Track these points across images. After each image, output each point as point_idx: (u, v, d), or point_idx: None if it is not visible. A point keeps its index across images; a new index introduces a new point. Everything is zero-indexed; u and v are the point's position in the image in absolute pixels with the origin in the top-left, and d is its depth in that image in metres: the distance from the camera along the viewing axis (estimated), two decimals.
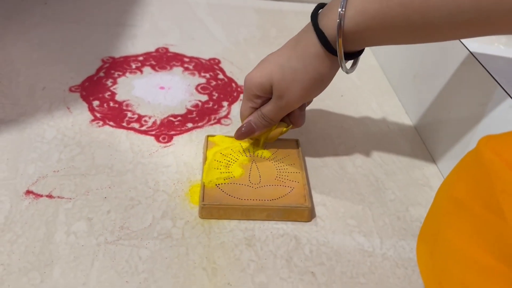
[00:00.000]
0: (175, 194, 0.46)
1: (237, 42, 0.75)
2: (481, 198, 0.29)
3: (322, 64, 0.43)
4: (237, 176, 0.47)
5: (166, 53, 0.68)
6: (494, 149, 0.29)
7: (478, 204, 0.29)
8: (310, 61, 0.43)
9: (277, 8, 0.87)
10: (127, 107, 0.57)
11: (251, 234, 0.43)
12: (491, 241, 0.28)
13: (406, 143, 0.57)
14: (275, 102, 0.46)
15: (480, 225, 0.29)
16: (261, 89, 0.46)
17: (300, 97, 0.45)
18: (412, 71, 0.62)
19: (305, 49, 0.43)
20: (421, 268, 0.35)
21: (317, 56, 0.42)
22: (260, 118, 0.47)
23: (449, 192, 0.33)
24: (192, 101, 0.60)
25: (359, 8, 0.39)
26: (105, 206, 0.44)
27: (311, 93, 0.45)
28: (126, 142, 0.52)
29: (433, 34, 0.40)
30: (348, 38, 0.40)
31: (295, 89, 0.44)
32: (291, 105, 0.46)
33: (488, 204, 0.29)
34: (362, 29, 0.40)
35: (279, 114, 0.47)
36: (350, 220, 0.46)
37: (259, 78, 0.45)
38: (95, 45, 0.69)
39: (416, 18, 0.38)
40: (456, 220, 0.31)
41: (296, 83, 0.44)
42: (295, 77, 0.43)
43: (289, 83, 0.44)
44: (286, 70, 0.44)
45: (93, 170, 0.48)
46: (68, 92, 0.59)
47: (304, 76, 0.43)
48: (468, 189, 0.31)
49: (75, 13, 0.77)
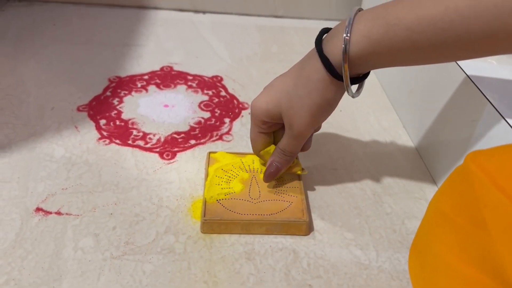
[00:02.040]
0: (178, 210, 0.48)
1: (239, 59, 0.77)
2: (466, 212, 0.31)
3: (327, 90, 0.42)
4: (238, 191, 0.49)
5: (170, 72, 0.71)
6: (480, 164, 0.31)
7: (463, 218, 0.31)
8: (315, 86, 0.42)
9: (278, 25, 0.89)
10: (133, 125, 0.59)
11: (251, 248, 0.45)
12: (475, 254, 0.29)
13: (403, 157, 0.59)
14: (288, 134, 0.46)
15: (465, 238, 0.30)
16: (269, 116, 0.46)
17: (309, 124, 0.44)
18: (408, 86, 0.63)
19: (310, 75, 0.43)
20: (413, 279, 0.36)
21: (322, 82, 0.42)
22: (281, 155, 0.48)
23: (437, 205, 0.34)
24: (195, 118, 0.62)
25: (364, 33, 0.39)
26: (111, 222, 0.46)
27: (318, 119, 0.45)
28: (131, 159, 0.54)
29: (439, 57, 0.39)
30: (353, 63, 0.40)
31: (303, 117, 0.44)
32: (303, 133, 0.45)
33: (472, 218, 0.30)
34: (367, 54, 0.39)
35: (296, 145, 0.47)
36: (347, 234, 0.48)
37: (266, 104, 0.46)
38: (102, 65, 0.71)
39: (422, 41, 0.37)
40: (442, 233, 0.32)
41: (303, 110, 0.44)
42: (302, 104, 0.43)
43: (296, 111, 0.44)
44: (293, 97, 0.44)
45: (99, 188, 0.50)
46: (76, 111, 0.61)
47: (310, 102, 0.43)
48: (454, 203, 0.32)
49: (82, 34, 0.80)
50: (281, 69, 0.75)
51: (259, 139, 0.49)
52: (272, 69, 0.75)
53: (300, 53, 0.77)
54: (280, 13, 0.92)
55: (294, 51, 0.81)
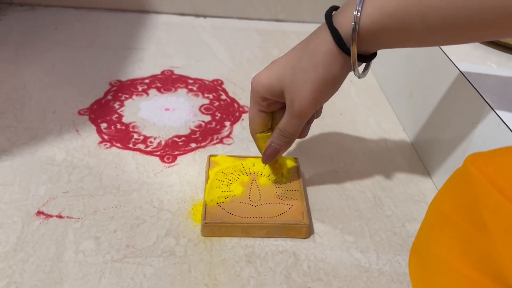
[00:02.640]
0: (178, 213, 0.48)
1: (240, 63, 0.77)
2: (466, 213, 0.31)
3: (333, 64, 0.41)
4: (238, 194, 0.49)
5: (171, 75, 0.71)
6: (479, 166, 0.31)
7: (463, 219, 0.31)
8: (322, 59, 0.41)
9: (279, 29, 0.90)
10: (134, 128, 0.59)
11: (251, 251, 0.45)
12: (475, 255, 0.29)
13: (403, 159, 0.59)
14: (289, 111, 0.44)
15: (465, 240, 0.31)
16: (269, 91, 0.44)
17: (311, 100, 0.42)
18: (408, 89, 0.64)
19: (317, 47, 0.41)
20: (413, 281, 0.36)
21: (328, 54, 0.40)
22: (280, 136, 0.46)
23: (437, 207, 0.35)
24: (195, 121, 0.62)
25: (376, 5, 0.38)
26: (112, 225, 0.46)
27: (321, 96, 0.43)
28: (132, 162, 0.54)
29: (451, 35, 0.38)
30: (363, 37, 0.39)
31: (306, 91, 0.42)
32: (304, 111, 0.43)
33: (472, 219, 0.30)
34: (378, 28, 0.38)
35: (296, 125, 0.45)
36: (348, 236, 0.48)
37: (268, 79, 0.44)
38: (103, 68, 0.72)
39: (435, 17, 0.36)
40: (442, 234, 0.33)
41: (306, 85, 0.42)
42: (306, 78, 0.41)
43: (299, 85, 0.42)
44: (297, 71, 0.42)
45: (100, 191, 0.50)
46: (77, 115, 0.61)
47: (314, 76, 0.41)
48: (454, 204, 0.32)
49: (84, 37, 0.80)
50: None
51: (258, 118, 0.47)
52: None
53: None
54: (280, 17, 0.93)
55: None
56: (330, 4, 0.44)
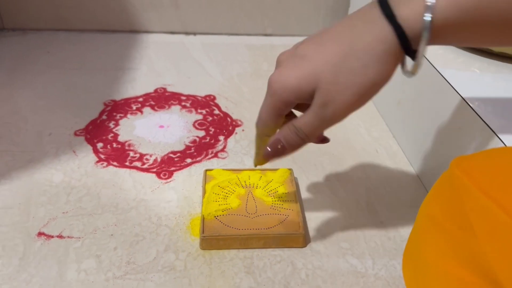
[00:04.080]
0: (177, 228, 0.49)
1: (230, 78, 0.79)
2: (454, 216, 0.32)
3: (390, 65, 0.34)
4: (235, 207, 0.50)
5: (164, 93, 0.72)
6: (464, 169, 0.32)
7: (451, 222, 0.32)
8: (378, 60, 0.34)
9: (268, 43, 0.92)
10: (129, 147, 0.60)
11: (250, 262, 0.46)
12: (465, 257, 0.30)
13: (395, 166, 0.60)
14: (317, 113, 0.36)
15: (454, 242, 0.32)
16: (299, 95, 0.36)
17: (351, 106, 0.36)
18: (396, 97, 0.65)
19: (370, 45, 0.34)
20: (407, 283, 0.37)
21: (387, 55, 0.34)
22: (293, 134, 0.38)
23: (426, 211, 0.36)
24: (190, 137, 0.63)
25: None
26: (112, 243, 0.47)
27: (364, 101, 0.36)
28: (129, 180, 0.55)
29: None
30: (434, 35, 0.33)
31: (347, 95, 0.35)
32: (337, 117, 0.36)
33: (460, 222, 0.31)
34: (451, 24, 0.32)
35: (319, 128, 0.37)
36: (343, 243, 0.49)
37: (296, 79, 0.35)
38: (97, 89, 0.73)
39: None
40: (432, 237, 0.34)
41: (350, 89, 0.35)
42: (352, 81, 0.34)
43: (341, 88, 0.35)
44: (342, 71, 0.34)
45: (99, 210, 0.51)
46: (74, 136, 0.62)
47: (363, 79, 0.34)
48: (442, 208, 0.33)
49: (76, 59, 0.81)
50: None
51: (273, 123, 0.39)
52: (263, 85, 0.76)
53: None
54: (269, 32, 0.94)
55: None
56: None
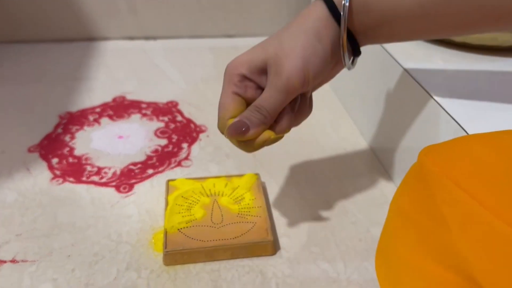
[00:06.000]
0: (138, 244, 0.46)
1: (194, 83, 0.77)
2: (425, 210, 0.30)
3: (324, 30, 0.38)
4: (199, 218, 0.48)
5: (123, 102, 0.69)
6: (433, 159, 0.30)
7: (422, 215, 0.30)
8: (312, 24, 0.38)
9: (231, 45, 0.90)
10: (86, 160, 0.57)
11: (217, 275, 0.44)
12: (438, 251, 0.29)
13: (363, 164, 0.59)
14: (272, 84, 0.38)
15: (426, 236, 0.30)
16: (250, 66, 0.38)
17: (300, 69, 0.37)
18: (360, 93, 0.64)
19: (307, 15, 0.39)
20: (381, 283, 0.35)
21: (319, 20, 0.38)
22: (254, 111, 0.38)
23: (397, 206, 0.34)
24: (151, 146, 0.60)
25: None
26: (69, 265, 0.44)
27: (310, 67, 0.38)
28: (86, 197, 0.52)
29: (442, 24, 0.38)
30: (356, 7, 0.38)
31: (295, 57, 0.37)
32: (292, 83, 0.37)
33: (431, 215, 0.30)
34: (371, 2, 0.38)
35: (278, 102, 0.38)
36: (314, 248, 0.47)
37: (248, 54, 0.39)
38: (53, 102, 0.70)
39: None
40: (404, 233, 0.32)
41: (294, 51, 0.37)
42: (294, 44, 0.37)
43: (288, 51, 0.37)
44: (284, 38, 0.38)
45: (55, 230, 0.48)
46: (27, 152, 0.59)
47: (303, 41, 0.37)
48: (412, 201, 0.32)
49: (31, 72, 0.78)
50: None
51: (231, 101, 0.39)
52: None
53: None
54: (232, 33, 0.93)
55: None
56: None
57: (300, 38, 0.37)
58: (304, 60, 0.37)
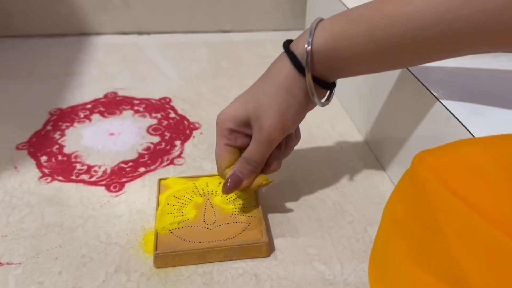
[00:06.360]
0: (128, 246, 0.45)
1: (188, 78, 0.75)
2: (419, 218, 0.29)
3: (294, 86, 0.42)
4: (192, 218, 0.46)
5: (115, 98, 0.68)
6: (428, 165, 0.29)
7: (417, 223, 0.29)
8: (283, 82, 0.42)
9: (227, 40, 0.88)
10: (76, 158, 0.56)
11: (210, 278, 0.42)
12: (433, 261, 0.28)
13: (361, 161, 0.57)
14: (256, 138, 0.43)
15: (421, 246, 0.29)
16: (236, 121, 0.44)
17: (278, 123, 0.42)
18: (358, 90, 0.62)
19: (277, 72, 0.42)
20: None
21: (289, 77, 0.41)
22: (244, 164, 0.44)
23: (391, 212, 0.33)
24: (143, 144, 0.59)
25: (327, 28, 0.40)
26: (56, 267, 0.43)
27: (288, 119, 0.42)
28: (75, 196, 0.50)
29: (399, 56, 0.39)
30: (317, 58, 0.40)
31: (272, 115, 0.42)
32: (272, 135, 0.43)
33: (426, 223, 0.28)
34: (330, 48, 0.40)
35: (263, 152, 0.44)
36: (310, 249, 0.45)
37: (233, 110, 0.44)
38: (43, 98, 0.68)
39: (380, 36, 0.38)
40: (398, 241, 0.31)
41: (271, 109, 0.42)
42: (270, 102, 0.42)
43: (265, 110, 0.42)
44: (261, 96, 0.42)
45: (43, 230, 0.46)
46: (15, 150, 0.57)
47: (278, 99, 0.42)
48: (406, 209, 0.31)
49: (22, 67, 0.76)
50: (232, 84, 0.74)
51: (225, 152, 0.45)
52: (223, 84, 0.73)
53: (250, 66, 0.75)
54: (227, 28, 0.91)
55: (244, 64, 0.79)
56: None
57: (274, 97, 0.42)
58: (281, 115, 0.42)
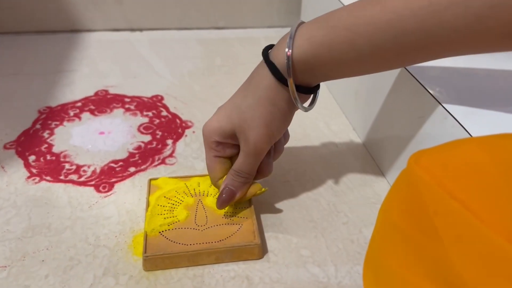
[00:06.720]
0: (117, 248, 0.44)
1: (181, 76, 0.74)
2: (415, 221, 0.28)
3: (276, 97, 0.41)
4: (182, 219, 0.45)
5: (106, 96, 0.66)
6: (424, 166, 0.28)
7: (412, 227, 0.28)
8: (265, 94, 0.41)
9: (220, 37, 0.87)
10: (65, 158, 0.54)
11: (200, 281, 0.41)
12: (428, 265, 0.27)
13: (356, 161, 0.56)
14: (244, 151, 0.43)
15: (417, 250, 0.28)
16: (221, 134, 0.43)
17: (264, 135, 0.42)
18: (353, 88, 0.61)
19: (258, 83, 0.41)
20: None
21: (270, 88, 0.41)
22: (236, 176, 0.44)
23: (386, 215, 0.32)
24: (134, 143, 0.58)
25: (306, 36, 0.39)
26: (42, 270, 0.42)
27: (273, 129, 0.42)
28: (63, 196, 0.49)
29: (381, 61, 0.38)
30: (298, 68, 0.39)
31: (256, 128, 0.41)
32: (259, 147, 0.42)
33: (422, 226, 0.27)
34: (311, 57, 0.38)
35: (252, 164, 0.44)
36: (304, 251, 0.44)
37: (217, 122, 0.43)
38: (32, 96, 0.66)
39: (362, 42, 0.37)
40: (394, 245, 0.30)
41: (255, 121, 0.41)
42: (253, 115, 0.41)
43: (249, 123, 0.41)
44: (244, 109, 0.42)
45: (29, 232, 0.45)
46: (3, 149, 0.56)
47: (262, 110, 0.41)
48: (402, 212, 0.30)
49: (12, 64, 0.74)
50: (226, 81, 0.72)
51: (216, 164, 0.45)
52: (217, 82, 0.72)
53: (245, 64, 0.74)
54: (221, 24, 0.89)
55: (239, 62, 0.78)
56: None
57: (258, 109, 0.41)
58: (266, 126, 0.41)
